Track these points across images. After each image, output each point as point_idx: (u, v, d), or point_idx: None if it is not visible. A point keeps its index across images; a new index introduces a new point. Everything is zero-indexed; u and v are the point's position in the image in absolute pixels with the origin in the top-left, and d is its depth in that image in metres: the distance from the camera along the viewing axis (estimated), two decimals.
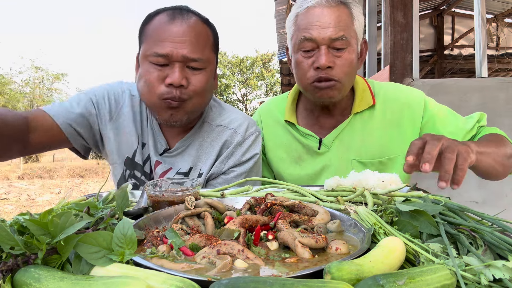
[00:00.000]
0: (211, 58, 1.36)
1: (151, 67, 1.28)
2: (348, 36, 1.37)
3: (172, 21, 1.28)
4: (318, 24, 1.35)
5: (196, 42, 1.28)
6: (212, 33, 1.38)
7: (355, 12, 1.41)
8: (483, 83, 3.24)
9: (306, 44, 1.38)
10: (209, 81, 1.35)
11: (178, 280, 0.52)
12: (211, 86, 1.40)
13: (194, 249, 0.69)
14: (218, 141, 1.45)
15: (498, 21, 7.35)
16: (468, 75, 9.59)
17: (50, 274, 0.56)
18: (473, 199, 3.20)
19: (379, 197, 1.02)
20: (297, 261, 0.65)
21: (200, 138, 1.46)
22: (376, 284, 0.50)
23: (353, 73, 1.45)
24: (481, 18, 3.80)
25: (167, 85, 1.26)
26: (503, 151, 1.27)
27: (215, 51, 1.40)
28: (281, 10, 6.85)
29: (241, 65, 30.96)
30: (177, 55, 1.25)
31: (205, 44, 1.32)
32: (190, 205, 0.86)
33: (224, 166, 1.44)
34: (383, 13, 3.41)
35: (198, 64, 1.29)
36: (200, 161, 1.45)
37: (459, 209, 0.81)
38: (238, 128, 1.47)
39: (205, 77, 1.32)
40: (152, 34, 1.30)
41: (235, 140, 1.45)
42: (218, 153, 1.44)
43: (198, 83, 1.30)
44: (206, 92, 1.35)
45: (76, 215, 0.75)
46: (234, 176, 1.44)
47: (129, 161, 1.47)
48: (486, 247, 0.67)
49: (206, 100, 1.39)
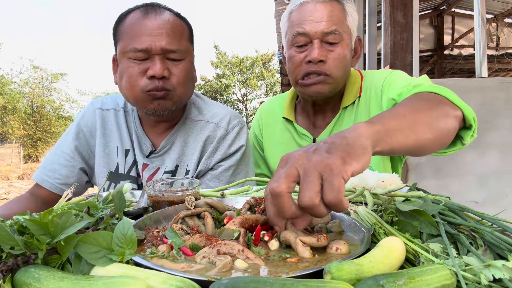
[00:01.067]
0: (189, 48, 1.39)
1: (131, 63, 1.30)
2: (341, 31, 1.37)
3: (146, 16, 1.31)
4: (311, 19, 1.35)
5: (173, 34, 1.31)
6: (186, 26, 1.41)
7: (348, 9, 1.41)
8: (483, 83, 3.24)
9: (299, 38, 1.38)
10: (189, 71, 1.38)
11: (178, 280, 0.52)
12: (192, 77, 1.43)
13: (194, 249, 0.69)
14: (201, 136, 1.45)
15: (498, 21, 7.36)
16: (468, 75, 9.59)
17: (50, 274, 0.56)
18: (473, 199, 3.20)
19: (379, 197, 1.01)
20: (298, 261, 0.65)
21: (184, 134, 1.47)
22: (376, 284, 0.50)
23: (346, 69, 1.42)
24: (481, 18, 3.80)
25: (149, 77, 1.28)
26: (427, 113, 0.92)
27: (191, 42, 1.43)
28: (281, 10, 6.85)
29: (241, 65, 30.94)
30: (156, 48, 1.27)
31: (181, 36, 1.35)
32: (190, 205, 0.86)
33: (211, 162, 1.44)
34: (383, 13, 3.41)
35: (177, 55, 1.32)
36: (185, 158, 1.45)
37: (459, 209, 0.81)
38: (220, 122, 1.47)
39: (185, 67, 1.35)
40: (127, 31, 1.32)
41: (218, 134, 1.45)
42: (202, 149, 1.44)
43: (180, 73, 1.33)
44: (188, 81, 1.39)
45: (76, 215, 0.75)
46: (223, 170, 1.43)
47: (112, 175, 1.49)
48: (486, 247, 0.67)
49: (190, 90, 1.42)
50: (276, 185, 0.61)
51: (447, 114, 0.97)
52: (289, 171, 0.61)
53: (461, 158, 3.20)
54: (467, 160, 3.20)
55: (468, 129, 1.07)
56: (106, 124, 1.50)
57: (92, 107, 1.54)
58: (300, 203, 0.60)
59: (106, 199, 0.99)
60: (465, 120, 1.05)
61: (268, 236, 0.73)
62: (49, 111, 22.76)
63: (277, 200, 0.62)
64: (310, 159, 0.61)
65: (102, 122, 1.50)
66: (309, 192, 0.58)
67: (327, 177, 0.59)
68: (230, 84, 31.55)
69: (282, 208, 0.62)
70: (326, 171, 0.59)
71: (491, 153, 3.22)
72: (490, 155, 3.22)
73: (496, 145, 3.21)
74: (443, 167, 3.21)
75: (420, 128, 0.85)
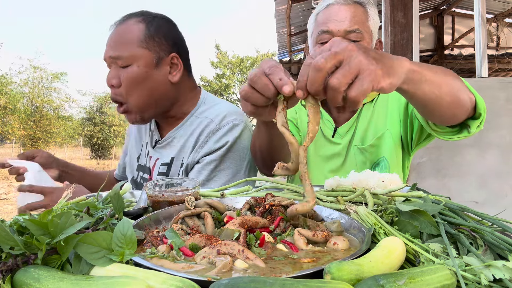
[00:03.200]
0: (137, 53, 1.39)
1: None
2: (362, 30, 1.47)
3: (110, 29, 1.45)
4: (335, 19, 1.47)
5: (118, 42, 1.40)
6: (145, 30, 1.41)
7: (370, 12, 1.53)
8: (483, 83, 3.24)
9: (323, 36, 1.49)
10: (139, 74, 1.39)
11: (178, 280, 0.52)
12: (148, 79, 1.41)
13: (194, 249, 0.68)
14: (197, 130, 1.49)
15: (498, 21, 7.35)
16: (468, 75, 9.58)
17: (50, 274, 0.56)
18: (473, 199, 3.20)
19: (379, 197, 1.01)
20: (298, 261, 0.65)
21: (184, 129, 1.53)
22: (376, 284, 0.50)
23: None
24: (481, 18, 3.80)
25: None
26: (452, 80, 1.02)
27: (147, 46, 1.41)
28: (281, 10, 6.84)
29: (241, 65, 30.94)
30: (106, 57, 1.40)
31: (128, 42, 1.39)
32: (190, 205, 0.86)
33: (197, 156, 1.46)
34: (383, 13, 3.41)
35: (122, 62, 1.38)
36: (183, 151, 1.50)
37: (459, 209, 0.81)
38: (216, 117, 1.49)
39: (132, 72, 1.38)
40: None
41: (209, 129, 1.47)
42: (194, 143, 1.48)
43: (126, 79, 1.38)
44: (139, 85, 1.39)
45: (76, 215, 0.75)
46: (205, 164, 1.43)
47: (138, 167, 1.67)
48: (486, 247, 0.67)
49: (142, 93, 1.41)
50: (321, 61, 0.66)
51: (465, 91, 1.06)
52: (338, 55, 0.67)
53: (461, 158, 3.19)
54: (467, 160, 3.20)
55: (476, 119, 1.14)
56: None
57: None
58: (329, 81, 0.67)
59: (106, 199, 0.99)
60: (475, 108, 1.12)
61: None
62: (48, 111, 22.75)
63: (315, 73, 0.67)
64: (358, 56, 0.67)
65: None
66: (342, 79, 0.66)
67: (362, 77, 0.66)
68: (230, 84, 31.54)
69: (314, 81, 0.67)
70: (365, 72, 0.66)
71: (491, 153, 3.22)
72: (490, 155, 3.22)
73: (496, 145, 3.21)
74: (443, 167, 3.20)
75: (444, 88, 0.95)
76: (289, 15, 6.73)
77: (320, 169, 1.64)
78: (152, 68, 1.42)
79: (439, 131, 1.26)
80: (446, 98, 0.97)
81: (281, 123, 0.76)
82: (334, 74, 0.66)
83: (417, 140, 1.54)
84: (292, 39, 8.33)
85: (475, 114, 1.14)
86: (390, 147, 1.55)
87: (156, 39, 1.43)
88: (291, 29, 7.74)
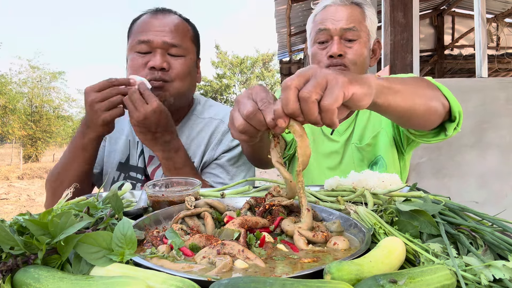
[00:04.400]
0: (190, 47, 1.50)
1: (136, 56, 1.43)
2: (359, 29, 1.50)
3: (154, 16, 1.47)
4: (332, 18, 1.51)
5: (175, 31, 1.44)
6: (191, 28, 1.53)
7: (367, 12, 1.56)
8: (483, 83, 3.24)
9: (321, 35, 1.53)
10: (189, 67, 1.48)
11: (178, 280, 0.52)
12: (193, 74, 1.54)
13: (194, 249, 0.68)
14: (207, 131, 1.57)
15: (498, 21, 7.36)
16: (468, 75, 9.59)
17: (50, 274, 0.56)
18: (473, 199, 3.20)
19: (379, 197, 1.01)
20: (298, 261, 0.65)
21: (189, 129, 1.58)
22: (376, 284, 0.50)
23: (363, 64, 1.55)
24: (481, 18, 3.80)
25: (149, 68, 1.39)
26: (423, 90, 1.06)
27: (195, 43, 1.54)
28: (281, 10, 6.84)
29: (242, 65, 30.94)
30: (157, 41, 1.40)
31: (184, 35, 1.47)
32: (190, 205, 0.86)
33: (215, 153, 1.55)
34: (383, 13, 3.41)
35: (177, 51, 1.43)
36: (189, 151, 1.54)
37: (459, 209, 0.81)
38: (224, 117, 1.59)
39: (185, 63, 1.46)
40: (136, 29, 1.46)
41: (222, 129, 1.56)
42: (207, 142, 1.56)
43: (179, 67, 1.44)
44: (187, 77, 1.48)
45: (76, 215, 0.75)
46: (226, 160, 1.54)
47: (121, 166, 1.61)
48: (486, 247, 0.67)
49: (189, 85, 1.51)
50: (289, 80, 0.69)
51: (438, 98, 1.11)
52: (304, 73, 0.70)
53: (461, 158, 3.20)
54: (467, 160, 3.20)
55: (452, 121, 1.18)
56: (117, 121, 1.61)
57: None
58: (300, 94, 0.68)
59: (106, 199, 0.99)
60: (450, 112, 1.16)
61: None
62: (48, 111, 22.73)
63: (285, 92, 0.69)
64: (324, 70, 0.71)
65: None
66: (312, 88, 0.68)
67: (331, 86, 0.69)
68: (230, 84, 31.54)
69: (287, 99, 0.69)
70: (332, 81, 0.69)
71: (491, 153, 3.22)
72: (490, 155, 3.22)
73: (496, 145, 3.21)
74: (443, 167, 3.21)
75: (416, 99, 0.99)
76: (289, 15, 6.74)
77: (319, 166, 1.66)
78: (194, 64, 1.54)
79: (417, 134, 1.31)
80: (419, 108, 1.01)
81: (275, 159, 0.80)
82: (303, 88, 0.69)
83: (406, 142, 1.56)
84: (292, 39, 8.33)
85: (451, 117, 1.17)
86: (386, 145, 1.57)
87: (198, 41, 1.57)
88: (291, 29, 7.75)
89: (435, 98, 1.09)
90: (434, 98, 1.08)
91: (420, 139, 1.33)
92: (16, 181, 14.79)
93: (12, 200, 10.08)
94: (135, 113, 1.26)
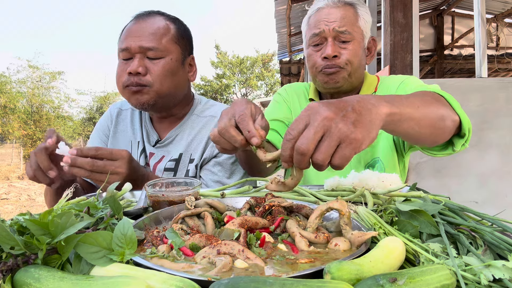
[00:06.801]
0: (171, 48, 1.49)
1: (120, 63, 1.49)
2: (351, 31, 1.51)
3: (136, 21, 1.50)
4: (326, 20, 1.53)
5: (153, 34, 1.46)
6: (174, 28, 1.53)
7: (360, 12, 1.56)
8: (483, 83, 3.24)
9: (315, 38, 1.55)
10: (171, 68, 1.49)
11: (178, 280, 0.52)
12: (178, 73, 1.53)
13: (194, 249, 0.69)
14: (207, 129, 1.59)
15: (498, 21, 7.36)
16: (468, 75, 9.59)
17: (50, 274, 0.56)
18: (473, 199, 3.20)
19: (379, 197, 1.02)
20: (298, 261, 0.65)
21: (189, 128, 1.61)
22: (376, 284, 0.50)
23: (359, 64, 1.56)
24: (481, 18, 3.80)
25: (128, 74, 1.44)
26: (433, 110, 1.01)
27: (178, 42, 1.53)
28: (281, 10, 6.84)
29: (241, 65, 30.92)
30: (134, 47, 1.44)
31: (163, 36, 1.48)
32: (190, 205, 0.86)
33: (215, 150, 1.56)
34: (383, 13, 3.41)
35: (155, 53, 1.45)
36: (190, 148, 1.58)
37: (459, 209, 0.81)
38: None
39: (164, 65, 1.47)
40: (121, 37, 1.51)
41: None
42: (207, 140, 1.57)
43: (157, 69, 1.45)
44: (168, 77, 1.49)
45: (76, 215, 0.75)
46: (225, 158, 1.55)
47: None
48: (486, 247, 0.67)
49: (172, 85, 1.51)
50: (305, 145, 0.68)
51: (448, 116, 1.06)
52: (317, 133, 0.68)
53: (461, 158, 3.20)
54: (467, 160, 3.20)
55: (461, 137, 1.15)
56: (119, 123, 1.72)
57: (112, 107, 1.79)
58: (314, 159, 0.69)
59: (105, 200, 0.99)
60: (460, 128, 1.12)
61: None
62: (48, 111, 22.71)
63: (301, 157, 0.69)
64: (337, 125, 0.68)
65: (116, 121, 1.73)
66: (324, 155, 0.68)
67: (344, 146, 0.69)
68: (230, 84, 31.52)
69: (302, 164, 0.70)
70: (346, 141, 0.69)
71: (491, 153, 3.22)
72: (490, 155, 3.22)
73: (496, 145, 3.21)
74: (443, 167, 3.21)
75: (424, 122, 0.96)
76: (289, 15, 6.74)
77: None
78: (180, 64, 1.54)
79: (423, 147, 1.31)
80: (426, 131, 0.99)
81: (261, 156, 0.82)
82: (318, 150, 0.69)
83: (408, 146, 1.55)
84: (292, 39, 8.33)
85: (460, 133, 1.14)
86: (385, 148, 1.56)
87: (184, 39, 1.56)
88: (291, 29, 7.74)
89: (445, 117, 1.04)
90: (444, 118, 1.04)
91: (426, 151, 1.31)
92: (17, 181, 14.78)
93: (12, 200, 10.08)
94: (116, 177, 1.22)
